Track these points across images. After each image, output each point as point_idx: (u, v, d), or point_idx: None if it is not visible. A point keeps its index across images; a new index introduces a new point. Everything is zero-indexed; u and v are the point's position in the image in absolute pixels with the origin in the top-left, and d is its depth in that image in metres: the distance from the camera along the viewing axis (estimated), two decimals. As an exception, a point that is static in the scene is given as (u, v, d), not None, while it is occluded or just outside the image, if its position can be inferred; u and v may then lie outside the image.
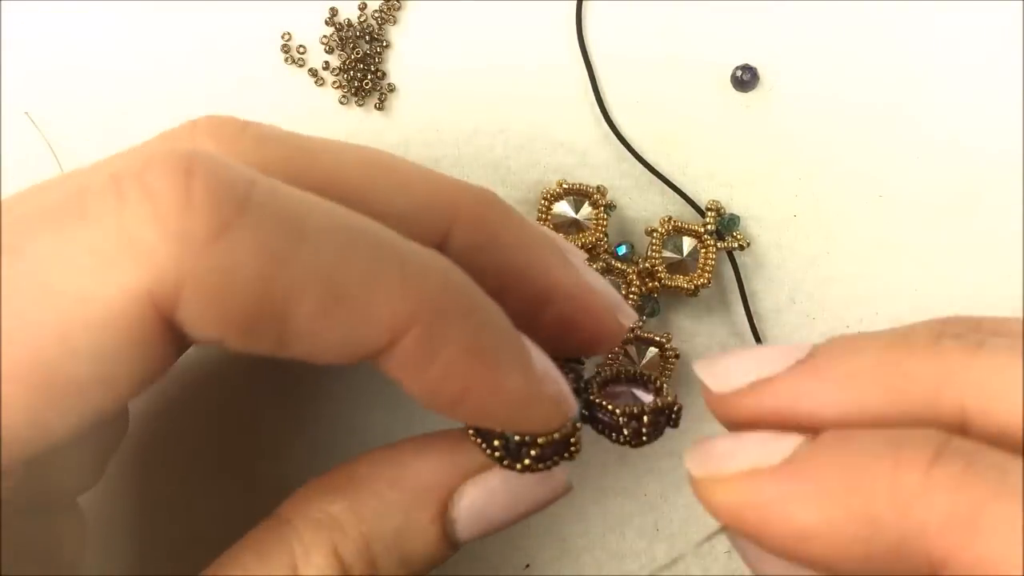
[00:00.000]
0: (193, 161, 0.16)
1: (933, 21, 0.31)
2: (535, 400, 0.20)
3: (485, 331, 0.19)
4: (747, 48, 0.31)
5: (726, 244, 0.30)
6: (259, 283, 0.16)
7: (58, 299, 0.15)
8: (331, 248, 0.17)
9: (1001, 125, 0.31)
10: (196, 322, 0.16)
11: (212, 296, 0.16)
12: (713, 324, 0.30)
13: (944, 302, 0.30)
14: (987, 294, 0.30)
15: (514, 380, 0.19)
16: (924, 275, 0.30)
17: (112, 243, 0.15)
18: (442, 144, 0.30)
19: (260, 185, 0.16)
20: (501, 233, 0.21)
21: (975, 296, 0.30)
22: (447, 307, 0.18)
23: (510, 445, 0.21)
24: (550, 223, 0.29)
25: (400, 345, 0.17)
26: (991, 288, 0.30)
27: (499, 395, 0.19)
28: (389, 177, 0.20)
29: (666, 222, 0.29)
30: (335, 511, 0.20)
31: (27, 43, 0.30)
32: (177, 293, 0.15)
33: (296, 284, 0.16)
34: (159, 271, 0.15)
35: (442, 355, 0.18)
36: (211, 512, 0.29)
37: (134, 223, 0.15)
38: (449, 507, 0.21)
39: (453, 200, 0.21)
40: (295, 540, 0.20)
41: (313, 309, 0.16)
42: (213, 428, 0.29)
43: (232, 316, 0.16)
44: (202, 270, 0.15)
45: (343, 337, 0.17)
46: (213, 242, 0.15)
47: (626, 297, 0.29)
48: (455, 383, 0.18)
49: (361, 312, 0.17)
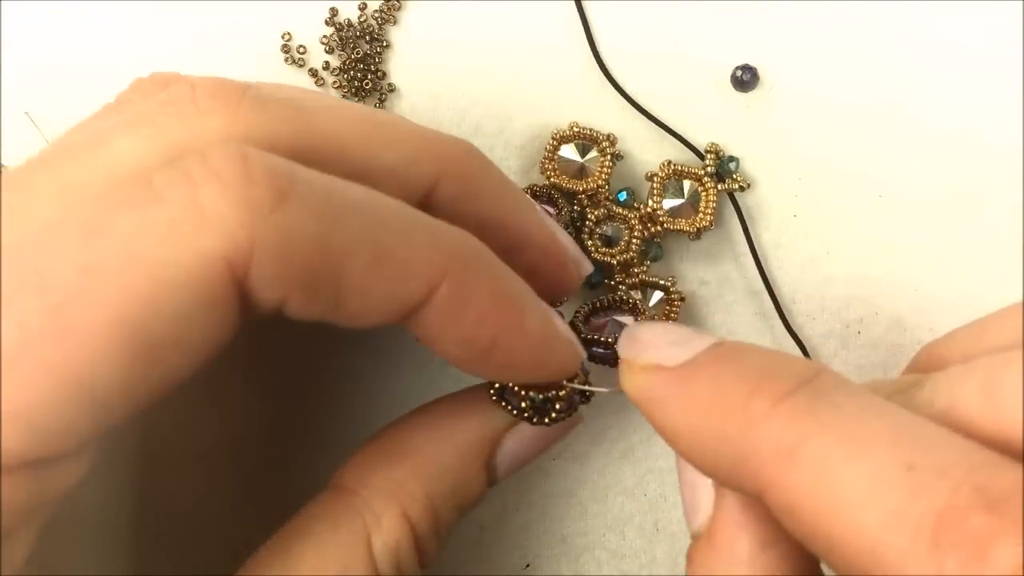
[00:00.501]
0: (246, 149, 0.18)
1: (933, 21, 0.31)
2: (555, 341, 0.22)
3: (506, 279, 0.21)
4: (747, 48, 0.31)
5: (727, 186, 0.30)
6: (317, 243, 0.18)
7: (146, 265, 0.17)
8: (372, 215, 0.19)
9: (1001, 125, 0.31)
10: (265, 281, 0.18)
11: (278, 255, 0.17)
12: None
13: (944, 302, 0.30)
14: (987, 294, 0.30)
15: (536, 321, 0.21)
16: (924, 275, 0.30)
17: (189, 216, 0.17)
18: (442, 144, 0.30)
19: (303, 169, 0.18)
20: (483, 185, 0.23)
21: (975, 296, 0.30)
22: (472, 259, 0.20)
23: (536, 404, 0.24)
24: (555, 164, 0.29)
25: (436, 296, 0.19)
26: (991, 288, 0.30)
27: (525, 338, 0.21)
28: (382, 133, 0.21)
29: (666, 166, 0.29)
30: (400, 477, 0.23)
31: (27, 43, 0.30)
32: (248, 256, 0.17)
33: (347, 244, 0.18)
34: (232, 236, 0.17)
35: (473, 301, 0.20)
36: (211, 511, 0.29)
37: (206, 198, 0.17)
38: (493, 456, 0.24)
39: (441, 153, 0.22)
40: (364, 508, 0.22)
41: (363, 266, 0.18)
42: (213, 427, 0.29)
43: (296, 274, 0.18)
44: (269, 232, 0.17)
45: (389, 291, 0.19)
46: (275, 209, 0.17)
47: (629, 242, 0.29)
48: (487, 327, 0.20)
49: (402, 267, 0.19)
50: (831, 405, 0.17)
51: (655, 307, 0.29)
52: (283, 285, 0.18)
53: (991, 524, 0.15)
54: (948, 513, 0.15)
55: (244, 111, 0.19)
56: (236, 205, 0.17)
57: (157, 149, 0.19)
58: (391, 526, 0.22)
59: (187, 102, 0.19)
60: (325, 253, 0.18)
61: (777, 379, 0.18)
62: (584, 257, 0.25)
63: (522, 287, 0.22)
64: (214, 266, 0.17)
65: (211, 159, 0.18)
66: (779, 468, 0.17)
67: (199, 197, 0.17)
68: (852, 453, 0.17)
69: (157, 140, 0.19)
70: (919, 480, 0.16)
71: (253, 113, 0.19)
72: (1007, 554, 0.14)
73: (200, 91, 0.20)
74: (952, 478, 0.16)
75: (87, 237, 0.17)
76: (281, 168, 0.18)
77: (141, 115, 0.19)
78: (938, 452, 0.16)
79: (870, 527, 0.16)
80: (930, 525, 0.15)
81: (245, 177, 0.17)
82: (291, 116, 0.20)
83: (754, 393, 0.18)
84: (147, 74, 0.22)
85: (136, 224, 0.17)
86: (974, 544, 0.15)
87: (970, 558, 0.15)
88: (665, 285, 0.29)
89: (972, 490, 0.15)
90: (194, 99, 0.19)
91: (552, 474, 0.30)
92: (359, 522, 0.22)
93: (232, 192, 0.17)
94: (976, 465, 0.16)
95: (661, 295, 0.29)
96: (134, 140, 0.19)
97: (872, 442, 0.17)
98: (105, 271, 0.17)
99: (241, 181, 0.17)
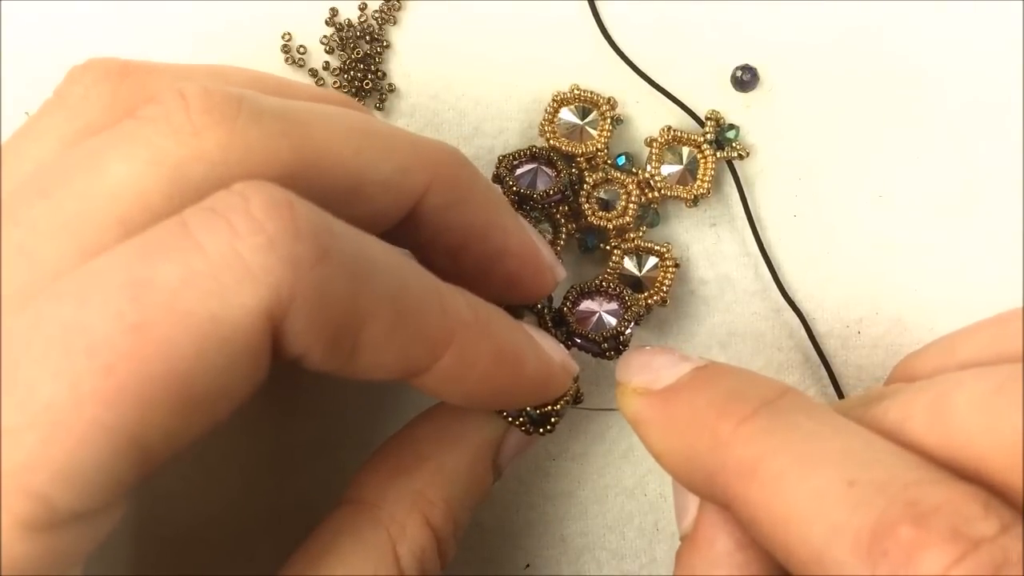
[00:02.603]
0: (290, 197, 0.18)
1: (933, 21, 0.31)
2: (551, 376, 0.24)
3: (509, 338, 0.22)
4: (747, 48, 0.31)
5: (725, 154, 0.30)
6: (347, 300, 0.18)
7: (193, 321, 0.17)
8: (396, 276, 0.19)
9: (1001, 125, 0.31)
10: (297, 335, 0.18)
11: (313, 311, 0.18)
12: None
13: (944, 302, 0.30)
14: (987, 294, 0.30)
15: (534, 368, 0.23)
16: (924, 275, 0.30)
17: (235, 270, 0.17)
18: (442, 144, 0.30)
19: (338, 223, 0.19)
20: (470, 193, 0.23)
21: (975, 296, 0.30)
22: (476, 326, 0.21)
23: (534, 418, 0.25)
24: (555, 127, 0.29)
25: (440, 363, 0.20)
26: (991, 288, 0.30)
27: (524, 384, 0.23)
28: (375, 143, 0.21)
29: (665, 132, 0.29)
30: (418, 487, 0.24)
31: (27, 43, 0.30)
32: (287, 310, 0.17)
33: (372, 303, 0.19)
34: (276, 291, 0.17)
35: (477, 366, 0.21)
36: (211, 511, 0.29)
37: (249, 251, 0.17)
38: (498, 455, 0.25)
39: (431, 161, 0.22)
40: (389, 521, 0.23)
41: (383, 326, 0.19)
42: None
43: (325, 329, 0.18)
44: (308, 288, 0.17)
45: (400, 352, 0.20)
46: (316, 265, 0.18)
47: (626, 207, 0.29)
48: (487, 386, 0.22)
49: (415, 333, 0.20)
50: (789, 425, 0.19)
51: (649, 271, 0.29)
52: (312, 339, 0.18)
53: (918, 536, 0.16)
54: (881, 526, 0.17)
55: (240, 128, 0.19)
56: (281, 261, 0.17)
57: (155, 172, 0.18)
58: (415, 534, 0.23)
59: (181, 119, 0.19)
60: (352, 311, 0.18)
61: (742, 401, 0.20)
62: (558, 262, 0.26)
63: (523, 338, 0.23)
64: (259, 320, 0.17)
65: (253, 207, 0.17)
66: (741, 484, 0.19)
67: (242, 250, 0.17)
68: (803, 471, 0.18)
69: (156, 164, 0.18)
70: (859, 495, 0.17)
71: (250, 130, 0.19)
72: (932, 563, 0.16)
73: (193, 106, 0.19)
74: (887, 494, 0.17)
75: (132, 291, 0.17)
76: (324, 224, 0.18)
77: (133, 135, 0.19)
78: (879, 468, 0.18)
79: (816, 539, 0.17)
80: (866, 537, 0.17)
81: (292, 233, 0.17)
82: (287, 131, 0.20)
83: (721, 415, 0.20)
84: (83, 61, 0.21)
85: (180, 278, 0.17)
86: (903, 553, 0.16)
87: (899, 565, 0.16)
88: (660, 251, 0.29)
89: (904, 505, 0.17)
90: (188, 115, 0.19)
91: (552, 474, 0.30)
92: (384, 535, 0.23)
93: (278, 248, 0.17)
94: (911, 482, 0.17)
95: (656, 260, 0.29)
96: (131, 165, 0.18)
97: (821, 460, 0.18)
98: (154, 330, 0.17)
99: (287, 237, 0.17)
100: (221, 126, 0.19)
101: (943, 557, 0.16)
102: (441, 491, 0.24)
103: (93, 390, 0.16)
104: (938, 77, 0.31)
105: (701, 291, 0.30)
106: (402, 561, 0.22)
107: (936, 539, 0.16)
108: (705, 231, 0.30)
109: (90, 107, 0.21)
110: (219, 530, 0.29)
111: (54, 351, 0.17)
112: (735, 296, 0.30)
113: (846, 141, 0.31)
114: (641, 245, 0.29)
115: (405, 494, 0.23)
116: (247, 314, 0.17)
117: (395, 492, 0.23)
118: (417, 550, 0.23)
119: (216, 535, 0.29)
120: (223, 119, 0.19)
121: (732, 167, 0.30)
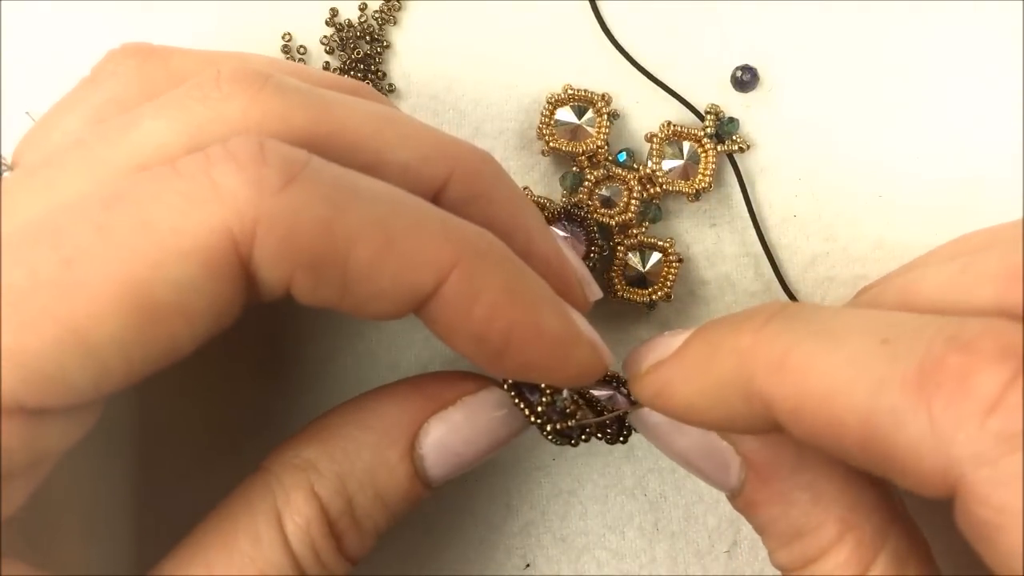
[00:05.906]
0: (266, 138, 0.19)
1: (933, 21, 0.31)
2: (575, 343, 0.21)
3: (521, 275, 0.21)
4: (747, 48, 0.31)
5: (726, 147, 0.30)
6: (322, 225, 0.18)
7: (154, 231, 0.18)
8: (383, 203, 0.19)
9: (1001, 125, 0.31)
10: (269, 260, 0.18)
11: (282, 234, 0.18)
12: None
13: (944, 302, 0.30)
14: (987, 294, 0.30)
15: (553, 321, 0.21)
16: (924, 275, 0.30)
17: (202, 190, 0.18)
18: (442, 144, 0.30)
19: (318, 159, 0.19)
20: (493, 190, 0.23)
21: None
22: (485, 252, 0.20)
23: (554, 405, 0.23)
24: (553, 128, 0.29)
25: (445, 286, 0.20)
26: (991, 288, 0.30)
27: (541, 337, 0.21)
28: (397, 129, 0.22)
29: (666, 127, 0.29)
30: (309, 454, 0.23)
31: (27, 43, 0.30)
32: (253, 231, 0.18)
33: (353, 228, 0.19)
34: (239, 210, 0.18)
35: (484, 293, 0.20)
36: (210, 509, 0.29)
37: (220, 175, 0.18)
38: (416, 444, 0.23)
39: (452, 153, 0.22)
40: (275, 484, 0.22)
41: (369, 252, 0.19)
42: (213, 422, 0.29)
43: (300, 255, 0.18)
44: (275, 211, 0.18)
45: (396, 278, 0.19)
46: (283, 189, 0.18)
47: (628, 204, 0.29)
48: (499, 322, 0.20)
49: (410, 255, 0.19)
50: (804, 320, 0.19)
51: (653, 267, 0.29)
52: (287, 265, 0.18)
53: (968, 361, 0.16)
54: (927, 362, 0.17)
55: (264, 97, 0.20)
56: (246, 182, 0.18)
57: (179, 127, 0.20)
58: (299, 503, 0.22)
59: (212, 86, 0.20)
60: (331, 236, 0.18)
61: (753, 317, 0.20)
62: (593, 281, 0.25)
63: (539, 285, 0.21)
64: (219, 237, 0.18)
65: (231, 144, 0.19)
66: (777, 379, 0.19)
67: (214, 174, 0.18)
68: (833, 344, 0.18)
69: (180, 120, 0.20)
70: (896, 347, 0.17)
71: (272, 100, 0.20)
72: (987, 384, 0.16)
73: (224, 76, 0.20)
74: (925, 337, 0.17)
75: (107, 202, 0.18)
76: (294, 155, 0.19)
77: (172, 98, 0.21)
78: (907, 324, 0.18)
79: (861, 399, 0.17)
80: (913, 376, 0.17)
81: (259, 158, 0.18)
82: (308, 104, 0.21)
83: (738, 332, 0.20)
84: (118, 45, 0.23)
85: (152, 194, 0.18)
86: (956, 381, 0.16)
87: (955, 394, 0.16)
88: (663, 247, 0.29)
89: (945, 339, 0.17)
90: (218, 84, 0.20)
91: (552, 474, 0.30)
92: (270, 499, 0.22)
93: (244, 171, 0.18)
94: (944, 324, 0.17)
95: (659, 256, 0.29)
96: (160, 121, 0.20)
97: (847, 332, 0.18)
98: (118, 232, 0.18)
99: (254, 161, 0.18)
100: (246, 93, 0.20)
101: (998, 376, 0.16)
102: (333, 464, 0.22)
103: (50, 280, 0.17)
104: (938, 76, 0.31)
105: (701, 292, 0.30)
106: (287, 531, 0.22)
107: (987, 360, 0.16)
108: (705, 231, 0.30)
109: (117, 82, 0.23)
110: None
111: (25, 243, 0.18)
112: (735, 297, 0.30)
113: (846, 141, 0.31)
114: (644, 241, 0.29)
115: (293, 460, 0.23)
116: (209, 231, 0.18)
117: (285, 457, 0.23)
118: (302, 522, 0.22)
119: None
120: (248, 88, 0.20)
121: (733, 160, 0.30)
